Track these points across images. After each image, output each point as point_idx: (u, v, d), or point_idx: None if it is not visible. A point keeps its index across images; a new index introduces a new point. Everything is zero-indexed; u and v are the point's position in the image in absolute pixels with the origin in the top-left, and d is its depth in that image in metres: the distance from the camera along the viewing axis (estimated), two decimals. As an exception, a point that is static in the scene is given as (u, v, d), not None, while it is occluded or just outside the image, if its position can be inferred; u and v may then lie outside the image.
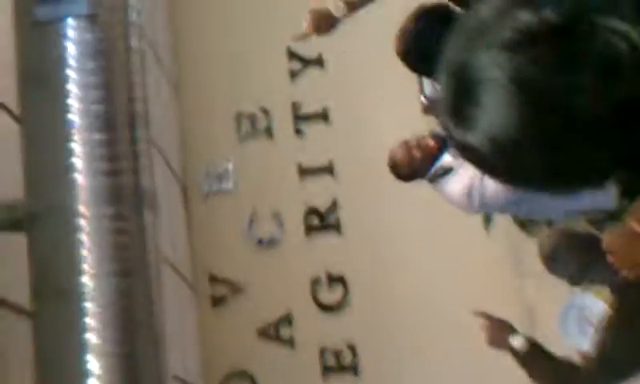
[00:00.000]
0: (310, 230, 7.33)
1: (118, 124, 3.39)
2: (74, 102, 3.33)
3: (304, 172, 7.37)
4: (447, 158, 5.51)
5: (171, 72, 7.04)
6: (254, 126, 7.41)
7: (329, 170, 7.38)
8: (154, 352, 3.42)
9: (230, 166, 7.30)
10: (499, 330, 3.96)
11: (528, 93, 1.35)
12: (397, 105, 7.29)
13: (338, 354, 7.21)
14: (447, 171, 5.46)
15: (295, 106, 7.43)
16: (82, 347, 3.23)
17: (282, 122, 7.41)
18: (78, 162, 3.31)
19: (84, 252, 3.28)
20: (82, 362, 3.23)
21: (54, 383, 3.27)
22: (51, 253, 3.30)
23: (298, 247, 7.29)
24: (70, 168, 3.30)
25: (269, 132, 7.42)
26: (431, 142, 5.43)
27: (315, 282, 7.26)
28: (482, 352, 6.81)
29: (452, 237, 7.00)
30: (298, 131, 7.42)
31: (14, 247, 3.39)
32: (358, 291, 7.27)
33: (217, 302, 7.22)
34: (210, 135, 7.32)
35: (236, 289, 7.21)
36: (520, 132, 1.37)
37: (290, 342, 7.20)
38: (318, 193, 7.35)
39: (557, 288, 5.52)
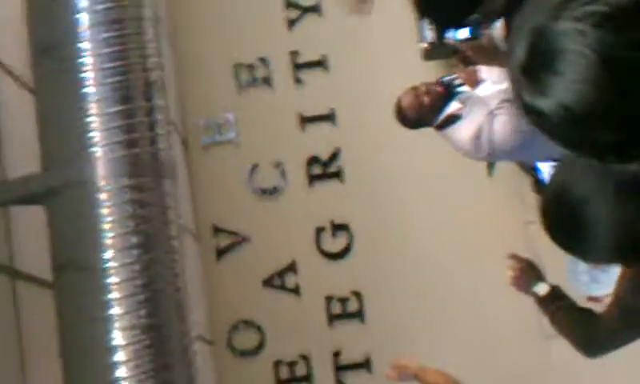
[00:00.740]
0: (312, 178, 7.31)
1: (134, 95, 3.34)
2: (88, 74, 3.28)
3: (305, 120, 7.33)
4: (455, 105, 5.48)
5: (168, 24, 6.95)
6: (253, 76, 7.35)
7: (329, 117, 7.34)
8: (179, 319, 3.40)
9: (231, 117, 7.25)
10: (526, 274, 3.94)
11: (613, 69, 1.35)
12: (396, 51, 7.23)
13: (343, 302, 7.23)
14: (455, 118, 5.44)
15: (293, 55, 7.37)
16: (105, 322, 3.21)
17: (281, 71, 7.35)
18: (95, 135, 3.26)
19: (104, 226, 3.24)
20: (106, 337, 3.21)
21: (78, 361, 3.23)
22: (71, 227, 3.27)
23: (301, 196, 7.27)
24: (87, 142, 3.25)
25: (268, 82, 7.36)
26: (440, 89, 5.41)
27: (319, 231, 7.25)
28: (485, 297, 6.87)
29: (455, 184, 7.00)
30: (297, 80, 7.37)
31: (34, 219, 3.35)
32: (363, 238, 7.27)
33: (221, 252, 7.21)
34: (209, 87, 7.26)
35: (240, 239, 7.20)
36: (597, 106, 1.38)
37: (296, 291, 7.21)
38: (320, 141, 7.32)
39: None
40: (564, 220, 2.25)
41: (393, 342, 7.16)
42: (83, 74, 3.26)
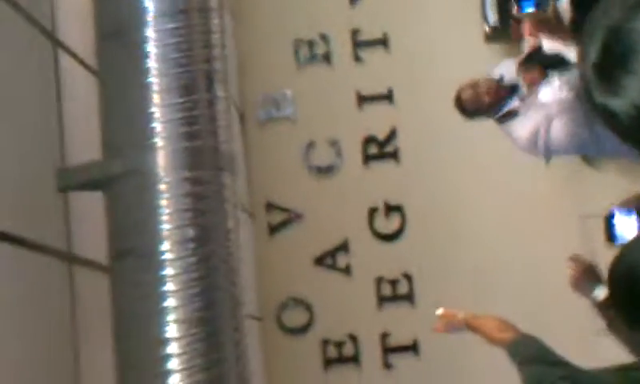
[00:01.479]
0: (368, 158, 7.27)
1: (196, 87, 3.32)
2: (152, 64, 3.26)
3: (362, 99, 7.28)
4: (514, 102, 5.46)
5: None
6: (313, 52, 7.30)
7: (388, 97, 7.28)
8: (232, 314, 3.39)
9: (289, 93, 7.22)
10: (586, 277, 3.89)
11: None
12: (458, 32, 7.16)
13: (394, 283, 7.20)
14: (514, 114, 5.41)
15: (354, 33, 7.31)
16: (159, 313, 3.20)
17: (341, 49, 7.30)
18: (156, 125, 3.25)
19: (162, 217, 3.23)
20: (159, 329, 3.20)
21: (131, 350, 3.23)
22: (129, 216, 3.26)
23: (356, 175, 7.24)
24: (149, 132, 3.24)
25: (327, 58, 7.31)
26: (501, 91, 5.38)
27: (373, 211, 7.22)
28: (536, 287, 6.80)
29: (512, 171, 6.93)
30: (357, 58, 7.32)
31: (93, 205, 3.35)
32: (416, 221, 7.23)
33: (274, 229, 7.20)
34: (268, 62, 7.23)
35: (293, 216, 7.19)
36: None
37: (347, 271, 7.19)
38: (377, 121, 7.27)
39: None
40: (632, 298, 2.21)
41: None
42: (147, 64, 3.25)
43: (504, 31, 6.77)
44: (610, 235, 3.77)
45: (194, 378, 3.20)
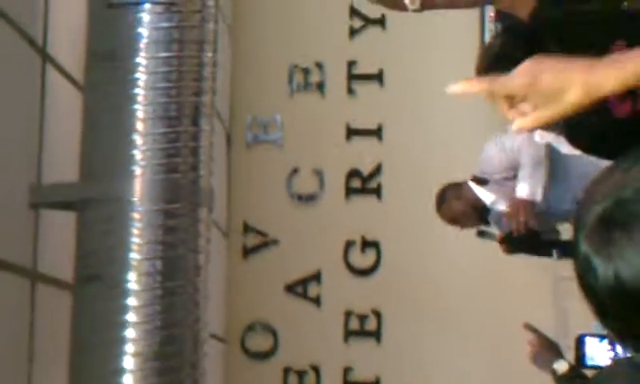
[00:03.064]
0: (350, 191, 7.23)
1: (183, 117, 3.29)
2: (140, 90, 3.22)
3: (351, 132, 7.25)
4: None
5: (226, 12, 6.87)
6: (307, 79, 7.27)
7: (377, 133, 7.25)
8: (193, 350, 3.35)
9: (278, 118, 7.18)
10: (545, 351, 3.88)
11: None
12: (455, 76, 7.12)
13: (362, 319, 7.16)
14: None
15: (350, 65, 7.29)
16: (118, 343, 3.17)
17: (336, 79, 7.26)
18: (137, 153, 3.21)
19: (133, 246, 3.20)
20: (116, 359, 3.16)
21: (86, 374, 3.19)
22: (99, 241, 3.23)
23: (336, 207, 7.20)
24: (129, 159, 3.21)
25: (320, 88, 7.28)
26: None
27: (349, 244, 7.18)
28: (505, 341, 6.77)
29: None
30: (350, 90, 7.28)
31: (64, 225, 3.31)
32: (391, 258, 7.19)
33: (248, 252, 7.16)
34: (261, 85, 7.19)
35: (268, 241, 7.14)
36: None
37: (317, 301, 7.15)
38: (363, 155, 7.23)
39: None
40: None
41: (405, 367, 7.10)
42: (134, 90, 3.21)
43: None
44: (580, 357, 3.76)
45: (147, 411, 3.17)
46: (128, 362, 3.16)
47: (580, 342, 3.79)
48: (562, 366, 3.85)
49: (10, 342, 3.16)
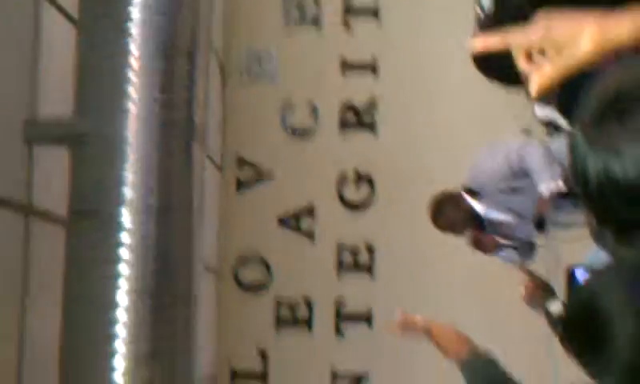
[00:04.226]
0: (344, 125, 7.23)
1: (178, 53, 3.28)
2: (134, 27, 3.21)
3: (346, 66, 7.22)
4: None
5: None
6: (303, 13, 7.22)
7: (372, 67, 7.23)
8: (185, 283, 3.37)
9: (273, 52, 7.15)
10: (540, 292, 3.89)
11: None
12: (451, 11, 7.09)
13: (355, 252, 7.19)
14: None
15: (347, -2, 7.25)
16: (111, 278, 3.18)
17: (332, 13, 7.22)
18: (131, 89, 3.21)
19: (127, 182, 3.21)
20: (110, 293, 3.18)
21: (79, 310, 3.21)
22: (93, 176, 3.23)
23: (331, 141, 7.19)
24: (123, 94, 3.20)
25: (316, 21, 7.24)
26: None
27: (342, 179, 7.19)
28: (494, 274, 6.81)
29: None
30: (346, 24, 7.25)
31: (58, 161, 3.31)
32: (384, 193, 7.20)
33: (242, 185, 7.17)
34: (256, 18, 7.15)
35: (262, 174, 7.15)
36: None
37: (309, 234, 7.18)
38: (359, 90, 7.22)
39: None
40: (583, 334, 2.20)
41: (397, 299, 7.13)
42: (129, 25, 3.20)
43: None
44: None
45: (140, 346, 3.19)
46: (121, 297, 3.18)
47: (571, 276, 3.81)
48: (555, 307, 3.86)
49: (4, 277, 3.18)
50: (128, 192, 3.19)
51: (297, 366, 7.02)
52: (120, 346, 3.16)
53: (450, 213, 5.61)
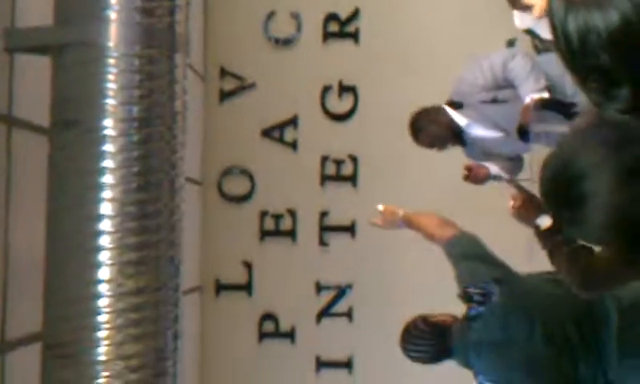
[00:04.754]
0: (328, 35, 7.17)
1: (159, -39, 3.22)
2: None
3: (330, -26, 7.16)
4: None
5: None
6: None
7: (355, -24, 7.17)
8: (170, 197, 3.35)
9: (256, -40, 7.07)
10: (528, 205, 3.88)
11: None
12: None
13: (339, 163, 7.18)
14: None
15: None
16: (95, 188, 3.16)
17: None
18: (113, -2, 3.16)
19: (109, 92, 3.17)
20: (94, 204, 3.16)
21: (64, 222, 3.19)
22: (75, 87, 3.19)
23: (314, 51, 7.15)
24: (103, 3, 3.15)
25: None
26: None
27: (326, 89, 7.16)
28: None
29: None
30: None
31: (39, 70, 3.27)
32: (368, 103, 7.18)
33: (225, 96, 7.12)
34: None
35: (245, 85, 7.11)
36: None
37: (293, 145, 7.16)
38: (341, -1, 7.16)
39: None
40: (560, 191, 2.21)
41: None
42: None
43: None
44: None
45: (125, 256, 3.18)
46: (105, 208, 3.16)
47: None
48: (545, 221, 3.86)
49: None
50: (110, 101, 3.16)
51: (281, 277, 7.05)
52: (105, 256, 3.15)
53: (430, 128, 5.58)
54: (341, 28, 7.18)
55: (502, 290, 4.06)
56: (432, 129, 5.60)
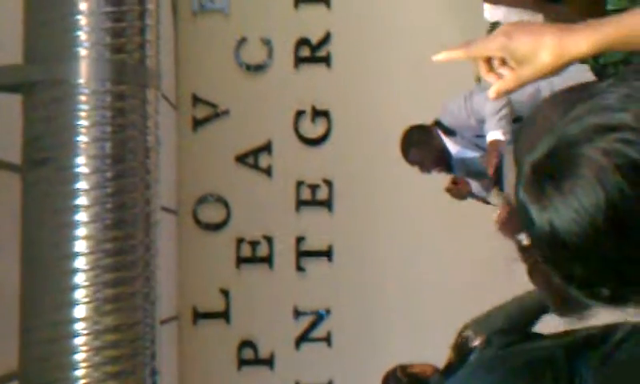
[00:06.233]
0: (299, 60, 7.18)
1: (128, -3, 3.22)
2: (82, -31, 3.14)
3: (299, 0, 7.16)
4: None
5: None
6: (253, -54, 7.14)
7: (325, 0, 7.17)
8: (144, 233, 3.34)
9: (225, -14, 7.07)
10: (513, 218, 3.86)
11: (614, 218, 1.29)
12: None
13: (314, 188, 7.18)
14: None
15: None
16: (69, 226, 3.14)
17: (282, -54, 7.15)
18: (82, 34, 3.15)
19: (81, 129, 3.16)
20: (68, 244, 3.14)
21: (39, 262, 3.17)
22: (46, 125, 3.18)
23: (286, 76, 7.15)
24: (73, 40, 3.14)
25: (267, -46, 7.17)
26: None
27: (299, 114, 7.16)
28: (454, 205, 6.83)
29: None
30: (296, -43, 7.18)
31: (10, 108, 3.26)
32: (341, 127, 7.19)
33: (198, 123, 7.12)
34: (206, -50, 7.06)
35: (218, 112, 7.10)
36: (583, 243, 1.34)
37: (268, 171, 7.15)
38: (312, 23, 7.16)
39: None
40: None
41: (357, 236, 7.16)
42: (77, -32, 3.13)
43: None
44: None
45: (101, 293, 3.17)
46: (80, 246, 3.14)
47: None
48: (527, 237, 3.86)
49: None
50: (82, 139, 3.15)
51: (259, 304, 7.04)
52: (80, 294, 3.13)
53: (422, 147, 5.58)
54: (312, 52, 7.19)
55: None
56: (424, 148, 5.62)
